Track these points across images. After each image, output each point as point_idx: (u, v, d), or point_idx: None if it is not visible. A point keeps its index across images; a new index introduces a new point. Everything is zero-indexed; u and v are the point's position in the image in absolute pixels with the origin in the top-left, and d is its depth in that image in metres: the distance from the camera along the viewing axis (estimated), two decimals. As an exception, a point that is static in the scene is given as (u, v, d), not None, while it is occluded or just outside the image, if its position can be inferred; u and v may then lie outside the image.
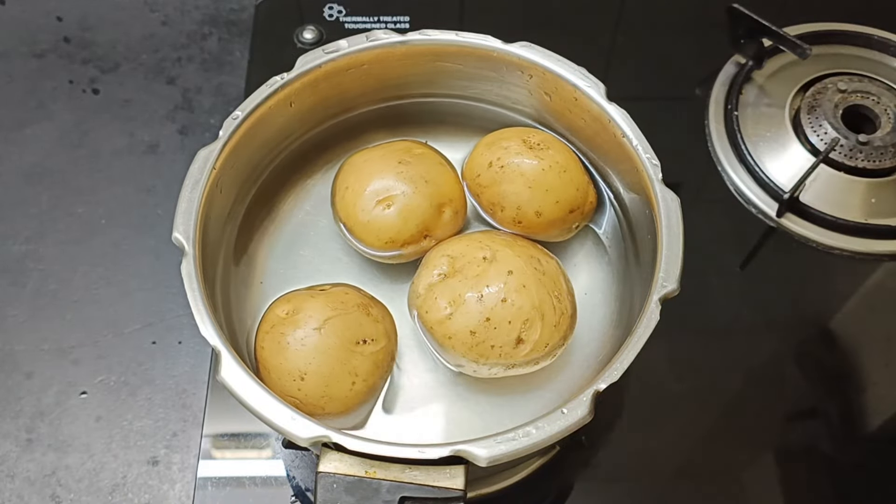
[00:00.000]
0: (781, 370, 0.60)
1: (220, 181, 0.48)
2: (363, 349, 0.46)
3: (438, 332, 0.47)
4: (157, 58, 0.75)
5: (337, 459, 0.40)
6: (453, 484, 0.39)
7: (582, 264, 0.54)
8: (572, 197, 0.51)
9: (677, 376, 0.59)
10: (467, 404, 0.49)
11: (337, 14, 0.75)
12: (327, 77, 0.52)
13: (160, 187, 0.68)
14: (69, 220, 0.66)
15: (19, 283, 0.63)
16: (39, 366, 0.59)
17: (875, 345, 0.61)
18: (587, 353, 0.50)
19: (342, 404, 0.46)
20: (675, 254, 0.45)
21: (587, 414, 0.40)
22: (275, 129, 0.53)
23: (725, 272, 0.64)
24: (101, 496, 0.55)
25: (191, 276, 0.44)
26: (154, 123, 0.71)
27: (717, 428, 0.58)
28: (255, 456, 0.56)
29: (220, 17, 0.78)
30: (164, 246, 0.63)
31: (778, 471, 0.56)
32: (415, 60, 0.54)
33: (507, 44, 0.52)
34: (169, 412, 0.58)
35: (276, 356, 0.46)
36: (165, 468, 0.56)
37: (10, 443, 0.57)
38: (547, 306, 0.46)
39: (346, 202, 0.51)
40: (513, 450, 0.39)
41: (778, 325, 0.62)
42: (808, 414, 0.59)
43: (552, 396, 0.49)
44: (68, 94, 0.73)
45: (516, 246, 0.49)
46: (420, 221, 0.50)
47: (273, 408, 0.41)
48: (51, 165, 0.69)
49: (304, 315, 0.46)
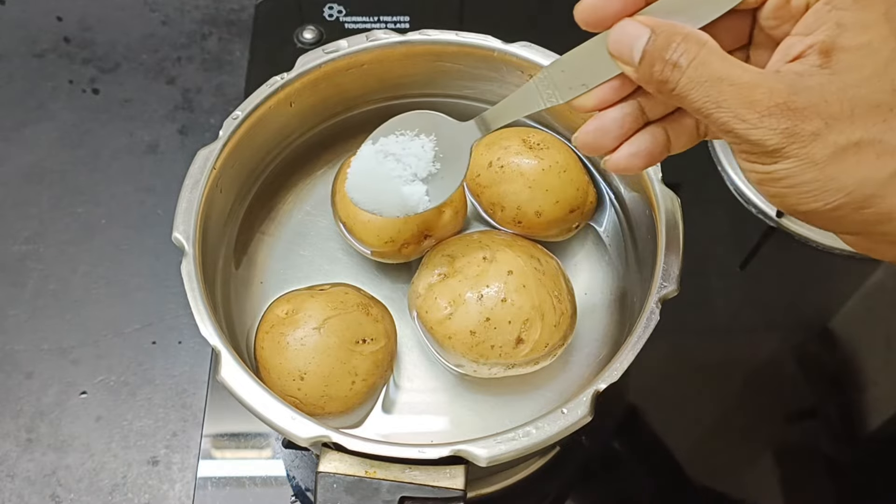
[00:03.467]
0: (781, 370, 0.60)
1: (220, 181, 0.48)
2: (363, 349, 0.46)
3: (438, 332, 0.47)
4: (157, 58, 0.75)
5: (337, 459, 0.40)
6: (453, 484, 0.39)
7: (582, 264, 0.54)
8: (572, 197, 0.51)
9: (677, 376, 0.59)
10: (467, 404, 0.49)
11: (337, 14, 0.75)
12: (327, 77, 0.52)
13: (160, 187, 0.68)
14: (69, 220, 0.66)
15: (19, 283, 0.63)
16: (39, 366, 0.59)
17: (875, 345, 0.61)
18: (587, 353, 0.50)
19: (342, 404, 0.46)
20: (675, 254, 0.45)
21: (587, 414, 0.40)
22: (275, 129, 0.53)
23: (725, 272, 0.64)
24: (101, 496, 0.55)
25: (191, 276, 0.44)
26: (154, 123, 0.71)
27: (717, 428, 0.58)
28: (255, 456, 0.56)
29: (220, 17, 0.78)
30: (164, 246, 0.63)
31: (778, 471, 0.56)
32: (415, 60, 0.54)
33: (507, 44, 0.52)
34: (169, 412, 0.58)
35: (275, 356, 0.46)
36: (165, 468, 0.56)
37: (10, 443, 0.57)
38: (547, 306, 0.46)
39: (347, 202, 0.51)
40: (513, 450, 0.39)
41: (778, 325, 0.62)
42: (808, 414, 0.59)
43: (552, 396, 0.49)
44: (68, 94, 0.73)
45: (516, 246, 0.49)
46: (420, 221, 0.50)
47: (273, 408, 0.41)
48: (51, 165, 0.69)
49: (304, 315, 0.46)
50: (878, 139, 0.30)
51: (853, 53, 0.30)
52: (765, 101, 0.31)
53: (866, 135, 0.30)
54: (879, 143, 0.30)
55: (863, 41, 0.30)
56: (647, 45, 0.33)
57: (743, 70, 0.32)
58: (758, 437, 0.57)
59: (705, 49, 0.32)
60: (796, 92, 0.31)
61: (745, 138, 0.31)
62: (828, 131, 0.30)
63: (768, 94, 0.31)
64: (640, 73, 0.34)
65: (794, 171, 0.31)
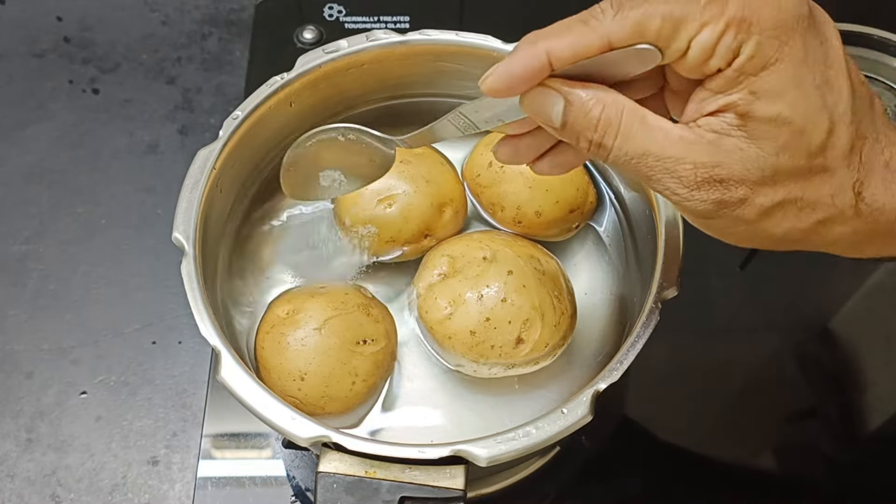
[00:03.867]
0: (781, 370, 0.60)
1: (220, 181, 0.48)
2: (363, 349, 0.46)
3: (438, 332, 0.47)
4: (157, 58, 0.75)
5: (337, 459, 0.40)
6: (453, 484, 0.39)
7: (582, 264, 0.54)
8: (572, 197, 0.51)
9: (677, 376, 0.59)
10: (467, 404, 0.49)
11: (337, 14, 0.75)
12: (327, 77, 0.52)
13: (160, 187, 0.68)
14: (69, 220, 0.66)
15: (19, 283, 0.63)
16: (39, 366, 0.59)
17: (875, 345, 0.61)
18: (587, 353, 0.50)
19: (342, 404, 0.46)
20: (674, 254, 0.45)
21: (587, 414, 0.40)
22: (275, 129, 0.53)
23: (725, 272, 0.64)
24: (101, 496, 0.55)
25: (191, 276, 0.44)
26: (154, 123, 0.71)
27: (717, 428, 0.58)
28: (255, 456, 0.56)
29: (220, 17, 0.77)
30: (164, 246, 0.63)
31: (778, 471, 0.56)
32: (415, 60, 0.54)
33: (507, 44, 0.52)
34: (169, 412, 0.58)
35: (276, 356, 0.46)
36: (165, 468, 0.56)
37: (10, 443, 0.57)
38: (547, 306, 0.46)
39: (347, 202, 0.51)
40: (513, 450, 0.39)
41: (778, 325, 0.62)
42: (808, 414, 0.59)
43: (552, 396, 0.49)
44: (68, 94, 0.73)
45: (516, 246, 0.49)
46: (421, 221, 0.50)
47: (273, 408, 0.41)
48: (51, 165, 0.69)
49: (305, 315, 0.46)
50: (799, 196, 0.33)
51: (767, 124, 0.31)
52: (691, 176, 0.32)
53: (788, 195, 0.32)
54: (800, 199, 0.33)
55: (775, 112, 0.31)
56: (565, 116, 0.33)
57: (665, 138, 0.32)
58: (758, 437, 0.57)
59: (625, 119, 0.33)
60: (719, 164, 0.32)
61: (680, 206, 0.33)
62: (753, 196, 0.32)
63: (693, 168, 0.32)
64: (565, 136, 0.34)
65: (727, 226, 0.34)
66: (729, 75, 0.31)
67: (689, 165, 0.32)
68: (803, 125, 0.31)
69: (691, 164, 0.32)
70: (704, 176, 0.32)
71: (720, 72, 0.31)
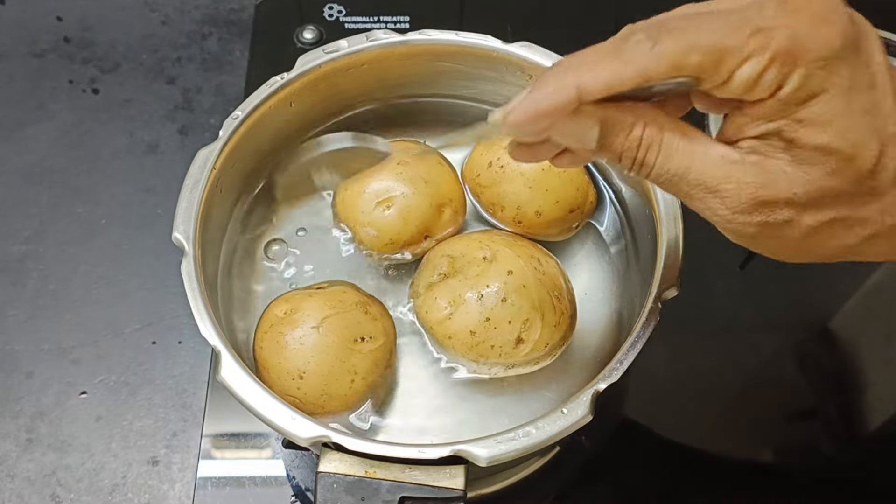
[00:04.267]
0: (781, 370, 0.60)
1: (220, 181, 0.48)
2: (362, 347, 0.46)
3: (438, 332, 0.47)
4: (157, 58, 0.75)
5: (337, 459, 0.40)
6: (453, 484, 0.39)
7: (582, 264, 0.54)
8: (572, 196, 0.51)
9: (677, 376, 0.59)
10: (467, 404, 0.49)
11: (337, 14, 0.75)
12: (327, 77, 0.52)
13: (160, 187, 0.67)
14: (69, 220, 0.66)
15: (19, 283, 0.63)
16: (39, 366, 0.59)
17: (875, 345, 0.61)
18: (587, 353, 0.50)
19: (342, 402, 0.46)
20: (674, 254, 0.45)
21: (587, 414, 0.40)
22: (275, 129, 0.53)
23: (725, 272, 0.64)
24: (101, 496, 0.55)
25: (191, 276, 0.44)
26: (154, 123, 0.71)
27: (716, 428, 0.58)
28: (255, 456, 0.56)
29: (220, 17, 0.77)
30: (164, 246, 0.63)
31: (778, 471, 0.56)
32: (415, 60, 0.54)
33: (507, 44, 0.52)
34: (169, 412, 0.58)
35: (275, 355, 0.46)
36: (165, 468, 0.56)
37: (10, 443, 0.57)
38: (547, 306, 0.46)
39: (346, 203, 0.51)
40: (513, 450, 0.39)
41: (778, 325, 0.62)
42: (808, 414, 0.59)
43: (552, 396, 0.49)
44: (68, 94, 0.73)
45: (516, 246, 0.49)
46: (420, 222, 0.50)
47: (273, 408, 0.41)
48: (51, 165, 0.69)
49: (303, 314, 0.46)
50: (847, 215, 0.32)
51: (814, 151, 0.30)
52: (734, 197, 0.31)
53: (837, 215, 0.32)
54: (849, 217, 0.32)
55: (823, 141, 0.30)
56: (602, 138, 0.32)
57: (706, 155, 0.32)
58: (758, 436, 0.57)
59: (666, 136, 0.32)
60: (764, 186, 0.31)
61: (723, 228, 0.33)
62: (799, 217, 0.31)
63: (737, 189, 0.31)
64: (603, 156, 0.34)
65: (772, 246, 0.33)
66: (772, 105, 0.30)
67: (731, 185, 0.31)
68: (853, 153, 0.30)
69: (735, 183, 0.31)
70: (749, 196, 0.31)
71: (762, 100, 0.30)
